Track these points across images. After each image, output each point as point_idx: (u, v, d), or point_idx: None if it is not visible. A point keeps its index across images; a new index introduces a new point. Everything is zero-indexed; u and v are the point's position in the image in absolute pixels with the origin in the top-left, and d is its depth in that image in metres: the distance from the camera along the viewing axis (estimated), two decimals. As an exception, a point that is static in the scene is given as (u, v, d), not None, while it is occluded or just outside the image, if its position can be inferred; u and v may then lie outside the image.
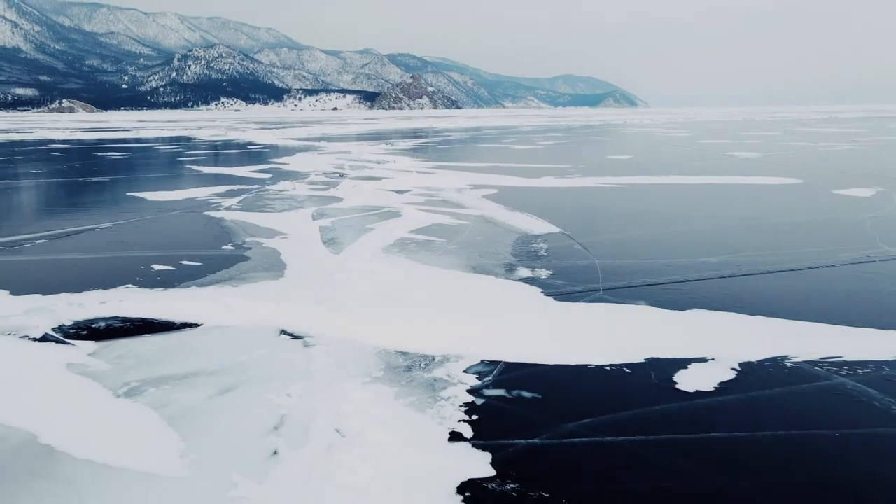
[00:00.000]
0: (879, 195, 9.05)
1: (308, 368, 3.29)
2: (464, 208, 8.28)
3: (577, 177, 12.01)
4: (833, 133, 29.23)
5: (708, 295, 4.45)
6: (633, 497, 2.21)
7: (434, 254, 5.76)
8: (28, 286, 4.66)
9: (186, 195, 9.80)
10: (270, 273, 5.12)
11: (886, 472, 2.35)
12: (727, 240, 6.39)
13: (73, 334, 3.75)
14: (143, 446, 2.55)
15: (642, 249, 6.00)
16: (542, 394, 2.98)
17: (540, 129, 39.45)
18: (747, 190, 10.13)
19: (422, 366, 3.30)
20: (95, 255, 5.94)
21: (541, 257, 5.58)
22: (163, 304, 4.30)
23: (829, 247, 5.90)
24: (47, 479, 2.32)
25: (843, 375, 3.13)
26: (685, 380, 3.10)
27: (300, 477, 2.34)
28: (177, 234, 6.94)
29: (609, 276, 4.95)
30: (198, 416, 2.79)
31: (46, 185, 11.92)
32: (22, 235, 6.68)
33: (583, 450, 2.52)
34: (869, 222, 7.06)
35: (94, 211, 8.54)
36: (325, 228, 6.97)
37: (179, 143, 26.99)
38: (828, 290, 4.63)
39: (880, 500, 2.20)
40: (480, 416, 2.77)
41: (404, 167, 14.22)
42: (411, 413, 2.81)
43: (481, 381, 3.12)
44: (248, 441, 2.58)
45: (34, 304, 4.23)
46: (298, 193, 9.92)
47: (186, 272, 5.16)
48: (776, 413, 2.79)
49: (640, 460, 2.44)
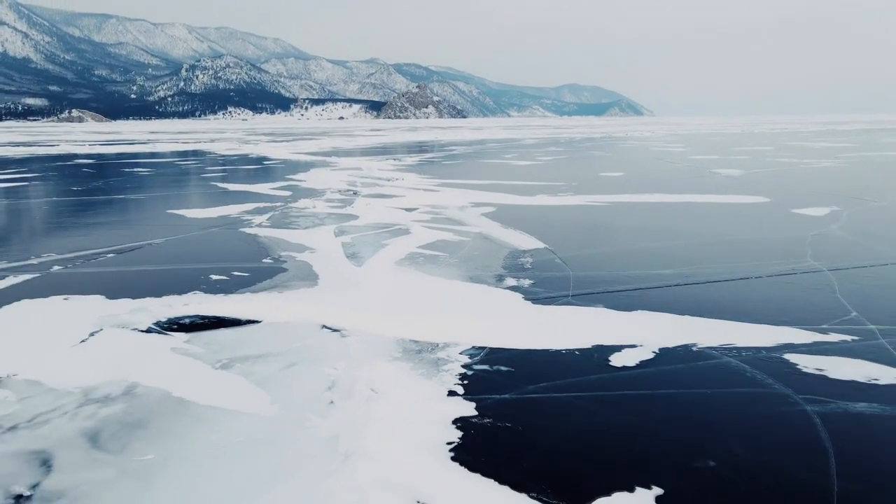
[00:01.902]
0: (831, 214, 10.25)
1: (346, 351, 4.54)
2: (465, 226, 9.54)
3: (569, 195, 13.25)
4: (822, 148, 30.40)
5: (652, 300, 5.69)
6: (569, 429, 3.45)
7: (438, 266, 7.02)
8: (121, 292, 5.94)
9: (220, 213, 11.09)
10: (307, 282, 6.39)
11: (739, 415, 3.58)
12: (682, 254, 7.61)
13: (168, 328, 5.02)
14: (243, 399, 3.81)
15: (609, 263, 7.24)
16: (514, 368, 4.23)
17: (542, 143, 40.75)
18: (716, 208, 11.37)
19: (428, 349, 4.56)
20: (161, 266, 7.22)
21: (525, 269, 6.83)
22: (228, 305, 5.57)
23: (765, 261, 7.12)
24: (187, 416, 3.58)
25: (730, 356, 4.36)
26: (616, 358, 4.34)
27: (349, 416, 3.59)
28: (222, 248, 8.22)
29: (578, 284, 6.20)
30: (274, 381, 4.04)
31: (94, 202, 13.24)
32: (94, 250, 7.97)
33: (538, 402, 3.76)
34: (810, 239, 8.28)
35: (146, 227, 9.82)
36: (347, 244, 8.24)
37: (198, 157, 28.39)
38: (746, 296, 5.86)
39: (731, 429, 3.43)
40: (469, 381, 4.01)
41: (412, 184, 15.50)
42: (421, 379, 4.06)
43: (471, 359, 4.37)
44: (312, 396, 3.84)
45: (133, 306, 5.50)
46: (319, 211, 11.19)
47: (239, 281, 6.43)
48: (673, 379, 4.03)
49: (576, 408, 3.68)
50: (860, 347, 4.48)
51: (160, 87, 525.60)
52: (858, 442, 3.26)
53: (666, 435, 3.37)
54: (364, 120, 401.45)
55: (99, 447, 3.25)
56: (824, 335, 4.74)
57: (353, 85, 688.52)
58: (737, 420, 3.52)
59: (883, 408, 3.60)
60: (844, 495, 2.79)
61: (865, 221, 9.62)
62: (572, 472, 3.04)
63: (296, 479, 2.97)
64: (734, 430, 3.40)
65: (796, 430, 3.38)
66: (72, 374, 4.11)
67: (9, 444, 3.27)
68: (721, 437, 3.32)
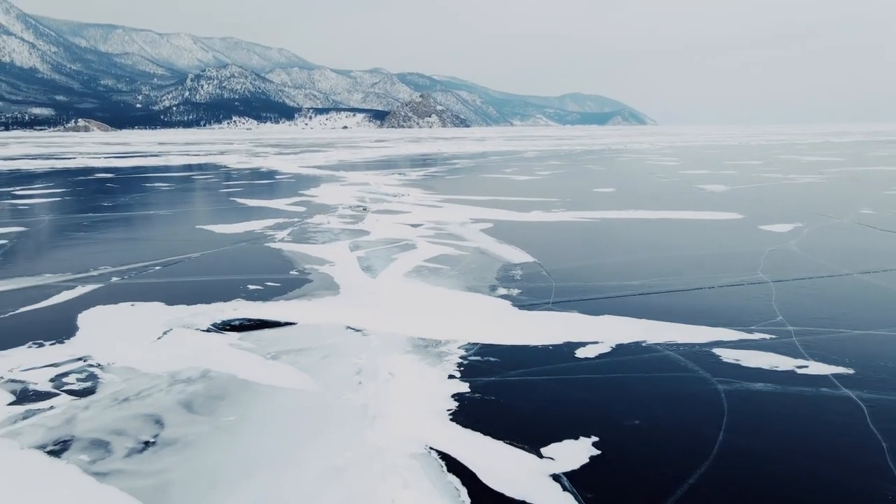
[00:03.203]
0: (793, 231, 11.44)
1: (367, 346, 5.75)
2: (464, 241, 10.75)
3: (561, 211, 14.47)
4: (810, 163, 31.59)
5: (617, 306, 6.88)
6: (537, 401, 4.65)
7: (441, 277, 8.22)
8: (176, 300, 7.15)
9: (245, 228, 12.32)
10: (330, 291, 7.60)
11: (665, 390, 4.76)
12: (650, 268, 8.80)
13: (223, 328, 6.23)
14: (291, 380, 5.00)
15: (587, 275, 8.44)
16: (499, 358, 5.42)
17: (542, 156, 42.04)
18: (690, 225, 12.56)
19: (433, 345, 5.76)
20: (204, 277, 8.44)
21: (514, 280, 8.04)
22: (268, 310, 6.78)
23: (719, 273, 8.32)
24: (251, 392, 4.78)
25: (670, 350, 5.56)
26: (580, 352, 5.53)
27: (373, 392, 4.79)
28: (253, 262, 9.44)
29: (558, 293, 7.40)
30: (314, 368, 5.24)
31: (129, 218, 14.49)
32: (142, 263, 9.19)
33: (516, 382, 4.95)
34: (766, 254, 9.47)
35: (182, 242, 11.05)
36: (361, 258, 9.45)
37: (211, 171, 29.70)
38: (695, 303, 7.05)
39: (656, 400, 4.61)
40: (464, 368, 5.21)
41: (417, 200, 16.74)
42: (427, 367, 5.26)
43: (466, 352, 5.56)
44: (344, 378, 5.03)
45: (190, 311, 6.72)
46: (333, 227, 12.42)
47: (273, 290, 7.64)
48: (622, 366, 5.22)
49: (544, 387, 4.87)
50: (774, 344, 5.67)
51: (165, 97, 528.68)
52: (748, 408, 4.45)
53: (608, 405, 4.57)
54: (368, 129, 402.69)
55: (193, 412, 4.45)
56: (749, 334, 5.93)
57: (357, 94, 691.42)
58: (662, 394, 4.71)
59: (775, 386, 4.79)
60: (728, 442, 3.98)
61: (821, 238, 10.81)
62: (537, 429, 4.23)
63: (338, 434, 4.17)
64: (658, 401, 4.59)
65: (704, 400, 4.57)
66: (158, 363, 5.33)
67: (127, 410, 4.48)
68: (647, 404, 4.52)
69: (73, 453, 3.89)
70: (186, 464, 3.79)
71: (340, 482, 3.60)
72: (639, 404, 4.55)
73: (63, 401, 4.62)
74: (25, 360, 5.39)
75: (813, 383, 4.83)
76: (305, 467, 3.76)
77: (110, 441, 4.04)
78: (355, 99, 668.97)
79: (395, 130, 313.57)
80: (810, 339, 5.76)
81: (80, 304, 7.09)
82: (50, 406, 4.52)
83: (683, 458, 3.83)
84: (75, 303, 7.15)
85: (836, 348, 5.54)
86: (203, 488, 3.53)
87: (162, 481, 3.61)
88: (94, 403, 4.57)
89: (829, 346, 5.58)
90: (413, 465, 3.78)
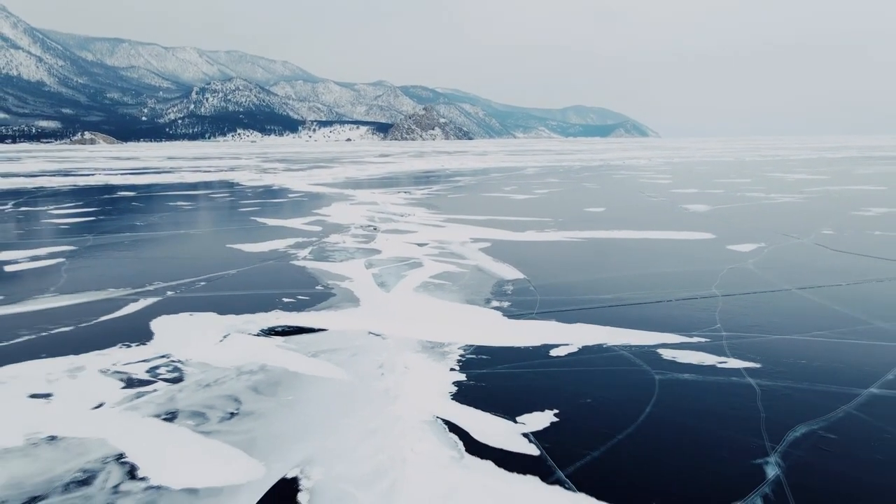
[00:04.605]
0: (755, 250, 12.96)
1: (386, 347, 7.28)
2: (465, 259, 12.30)
3: (553, 231, 16.02)
4: (794, 181, 33.13)
5: (589, 316, 8.41)
6: (518, 387, 6.17)
7: (444, 292, 9.77)
8: (227, 310, 8.70)
9: (270, 247, 13.89)
10: (352, 303, 9.15)
11: (613, 379, 6.28)
12: (622, 283, 10.33)
13: (269, 333, 7.77)
14: (330, 372, 6.54)
15: (567, 290, 9.97)
16: (490, 356, 6.95)
17: (541, 173, 43.69)
18: (665, 244, 14.09)
19: (438, 346, 7.29)
20: (245, 291, 9.99)
21: (506, 294, 9.58)
22: (303, 319, 8.33)
23: (679, 289, 9.84)
24: (301, 380, 6.32)
25: (623, 350, 7.08)
26: (553, 351, 7.06)
27: (393, 380, 6.32)
28: (283, 278, 10.99)
29: (542, 305, 8.93)
30: (346, 364, 6.78)
31: (165, 237, 16.09)
32: (189, 279, 10.75)
33: (503, 374, 6.47)
34: (724, 272, 10.99)
35: (220, 260, 12.61)
36: (375, 275, 11.00)
37: (227, 189, 31.37)
38: (652, 314, 8.57)
39: (605, 385, 6.13)
40: (463, 363, 6.74)
41: (422, 220, 18.31)
42: (433, 363, 6.79)
43: (465, 352, 7.09)
44: (369, 370, 6.57)
45: (241, 319, 8.27)
46: (349, 246, 13.99)
47: (304, 302, 9.18)
48: (584, 362, 6.74)
49: (524, 377, 6.40)
50: (706, 345, 7.20)
51: (171, 110, 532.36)
52: (673, 391, 5.97)
53: (568, 388, 6.10)
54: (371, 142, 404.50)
55: (259, 393, 5.99)
56: (690, 338, 7.46)
57: (361, 107, 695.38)
58: (610, 381, 6.24)
59: (697, 376, 6.31)
60: (652, 412, 5.50)
61: (776, 257, 12.33)
62: (515, 404, 5.74)
63: (367, 408, 5.70)
64: (606, 385, 6.11)
65: (642, 385, 6.10)
66: (224, 360, 6.87)
67: (211, 392, 6.01)
68: (597, 387, 6.04)
69: (181, 420, 5.43)
70: (262, 428, 5.32)
71: (372, 439, 5.13)
72: (591, 388, 6.08)
73: (161, 386, 6.17)
74: (122, 357, 6.95)
75: (727, 374, 6.36)
76: (346, 430, 5.29)
77: (205, 412, 5.58)
78: (359, 111, 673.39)
79: (399, 143, 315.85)
80: (736, 342, 7.29)
81: (147, 313, 8.65)
82: (154, 389, 6.08)
83: (618, 422, 5.35)
84: (143, 313, 8.71)
85: (753, 349, 7.06)
86: (277, 443, 5.07)
87: (248, 438, 5.14)
88: (185, 388, 6.12)
89: (748, 348, 7.10)
90: (424, 427, 5.31)
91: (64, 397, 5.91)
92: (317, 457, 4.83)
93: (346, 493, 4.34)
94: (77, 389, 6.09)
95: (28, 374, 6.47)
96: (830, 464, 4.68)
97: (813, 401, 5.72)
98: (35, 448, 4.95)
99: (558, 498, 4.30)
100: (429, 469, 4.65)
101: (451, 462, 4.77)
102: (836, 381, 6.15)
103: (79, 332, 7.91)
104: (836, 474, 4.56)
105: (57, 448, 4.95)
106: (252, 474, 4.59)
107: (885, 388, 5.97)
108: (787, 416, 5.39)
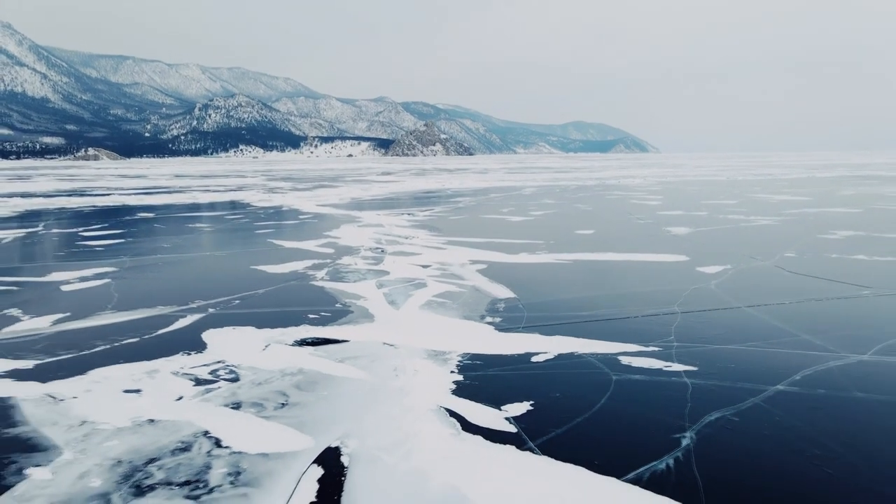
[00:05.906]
0: (721, 272, 14.65)
1: (398, 355, 8.96)
2: (464, 280, 14.01)
3: (544, 253, 17.73)
4: (777, 202, 34.90)
5: (566, 329, 10.10)
6: (504, 386, 7.85)
7: (445, 309, 11.46)
8: (264, 324, 10.39)
9: (290, 268, 15.61)
10: (367, 319, 10.84)
11: (577, 378, 7.96)
12: (598, 302, 12.01)
13: (302, 344, 9.46)
14: (354, 374, 8.22)
15: (551, 307, 11.66)
16: (483, 362, 8.63)
17: (538, 193, 45.55)
18: (641, 266, 15.78)
19: (441, 354, 8.98)
20: (275, 309, 11.69)
21: (498, 311, 11.27)
22: (328, 332, 10.02)
23: (645, 307, 11.52)
24: (333, 380, 8.00)
25: (591, 357, 8.75)
26: (534, 358, 8.73)
27: (406, 379, 8.00)
28: (306, 297, 12.68)
29: (528, 321, 10.62)
30: (367, 367, 8.46)
31: (194, 258, 17.82)
32: (225, 297, 12.45)
33: (493, 375, 8.15)
34: (688, 292, 12.68)
35: (247, 280, 14.30)
36: (386, 294, 12.71)
37: (239, 210, 33.17)
38: (621, 328, 10.25)
39: (572, 382, 7.81)
40: (461, 367, 8.42)
41: (425, 242, 20.05)
42: (436, 366, 8.47)
43: (462, 359, 8.78)
44: (386, 372, 8.25)
45: (276, 332, 9.96)
46: (360, 268, 15.70)
47: (326, 318, 10.88)
48: (557, 366, 8.41)
49: (507, 378, 8.07)
50: (659, 353, 8.88)
51: (174, 126, 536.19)
52: (625, 388, 7.64)
53: (542, 386, 7.77)
54: (372, 157, 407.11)
55: (301, 390, 7.68)
56: (646, 347, 9.14)
57: (362, 123, 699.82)
58: (577, 380, 7.92)
59: (646, 377, 7.99)
60: (605, 404, 7.18)
61: (738, 278, 14.02)
62: (501, 397, 7.41)
63: (387, 401, 7.37)
64: (573, 383, 7.79)
65: (600, 383, 7.78)
66: (270, 364, 8.56)
67: (263, 388, 7.70)
68: (565, 385, 7.72)
69: (245, 409, 7.12)
70: (307, 414, 7.01)
71: (391, 422, 6.81)
72: (560, 385, 7.77)
73: (223, 384, 7.86)
74: (186, 362, 8.64)
75: (668, 375, 8.04)
76: (371, 416, 6.98)
77: (262, 403, 7.27)
78: (360, 127, 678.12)
79: (400, 159, 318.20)
80: (683, 351, 8.98)
81: (197, 327, 10.34)
82: (218, 386, 7.77)
83: (577, 409, 7.03)
84: (193, 327, 10.41)
85: (695, 356, 8.75)
86: (321, 425, 6.75)
87: (298, 421, 6.82)
88: (243, 385, 7.81)
89: (691, 355, 8.79)
90: (431, 414, 6.99)
91: (150, 392, 7.60)
92: (352, 433, 6.52)
93: (375, 457, 6.02)
94: (158, 387, 7.78)
95: (115, 375, 8.17)
96: (731, 438, 6.36)
97: (730, 394, 7.41)
98: (141, 427, 6.64)
99: (528, 460, 5.97)
100: (434, 441, 6.33)
101: (451, 437, 6.45)
102: (752, 380, 7.84)
103: (144, 342, 9.61)
104: (733, 445, 6.24)
105: (157, 427, 6.64)
106: (305, 444, 6.27)
107: (789, 386, 7.65)
108: (707, 405, 7.07)
